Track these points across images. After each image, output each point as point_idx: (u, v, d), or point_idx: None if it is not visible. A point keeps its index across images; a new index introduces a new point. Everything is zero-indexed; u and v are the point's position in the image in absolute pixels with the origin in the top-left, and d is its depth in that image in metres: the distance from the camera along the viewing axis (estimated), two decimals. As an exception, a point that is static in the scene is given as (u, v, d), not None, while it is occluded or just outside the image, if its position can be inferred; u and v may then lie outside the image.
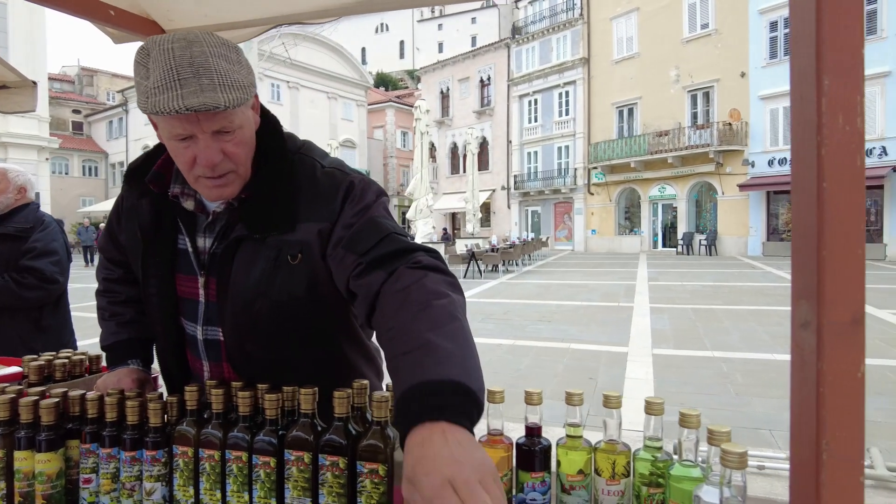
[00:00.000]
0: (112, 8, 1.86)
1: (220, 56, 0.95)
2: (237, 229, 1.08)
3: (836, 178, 0.55)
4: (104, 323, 1.34)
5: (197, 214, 1.14)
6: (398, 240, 1.02)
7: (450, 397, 0.73)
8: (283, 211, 1.08)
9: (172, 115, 0.92)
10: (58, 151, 30.39)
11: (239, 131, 1.01)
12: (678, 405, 4.27)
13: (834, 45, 0.54)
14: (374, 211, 1.07)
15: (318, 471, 0.96)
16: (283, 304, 1.09)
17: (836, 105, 0.55)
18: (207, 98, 0.91)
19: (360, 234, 1.03)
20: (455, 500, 0.61)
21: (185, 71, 0.91)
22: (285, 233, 1.07)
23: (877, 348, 6.64)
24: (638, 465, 0.92)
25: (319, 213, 1.07)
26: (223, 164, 1.01)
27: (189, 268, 1.15)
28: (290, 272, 1.08)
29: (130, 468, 1.06)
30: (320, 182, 1.10)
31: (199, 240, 1.15)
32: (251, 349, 1.13)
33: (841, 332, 0.56)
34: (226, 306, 1.10)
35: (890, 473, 2.01)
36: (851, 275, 0.56)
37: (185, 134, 0.97)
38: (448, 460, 0.65)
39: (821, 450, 0.56)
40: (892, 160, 19.96)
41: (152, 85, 0.91)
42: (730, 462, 0.71)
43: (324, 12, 1.95)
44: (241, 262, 1.09)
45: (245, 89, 0.97)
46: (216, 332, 1.15)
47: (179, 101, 0.89)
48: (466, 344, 0.83)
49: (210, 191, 1.06)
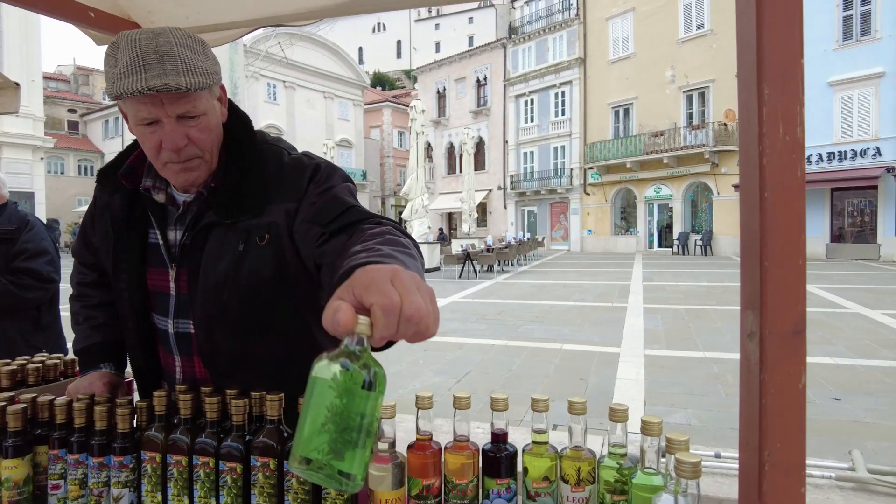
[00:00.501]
0: (92, 10, 1.85)
1: (185, 46, 0.99)
2: (207, 216, 1.11)
3: (778, 188, 0.55)
4: (77, 327, 1.35)
5: (168, 207, 1.17)
6: (361, 210, 1.05)
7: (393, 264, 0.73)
8: (253, 196, 1.11)
9: (137, 98, 0.96)
10: (53, 151, 30.23)
11: (203, 117, 1.04)
12: (668, 406, 4.29)
13: (773, 56, 0.54)
14: (338, 191, 1.10)
15: (283, 477, 0.96)
16: (251, 288, 1.11)
17: (776, 114, 0.55)
18: (170, 80, 0.94)
19: (323, 207, 1.06)
20: (391, 289, 0.60)
21: (150, 57, 0.94)
22: (254, 217, 1.10)
23: (868, 349, 6.66)
24: (602, 472, 0.91)
25: (286, 195, 1.11)
26: (188, 148, 1.04)
27: (160, 261, 1.17)
28: (257, 254, 1.10)
29: (98, 474, 1.06)
30: (287, 166, 1.14)
31: (169, 233, 1.17)
32: (220, 338, 1.14)
33: (783, 343, 0.56)
34: (196, 296, 1.12)
35: (870, 476, 2.00)
36: (792, 285, 0.56)
37: (150, 118, 1.00)
38: (389, 269, 0.64)
39: (763, 459, 0.56)
40: (886, 161, 20.03)
41: (119, 71, 0.95)
42: (683, 472, 0.71)
43: (305, 14, 1.95)
44: (210, 250, 1.11)
45: (208, 75, 1.01)
46: (187, 324, 1.17)
47: (143, 82, 0.93)
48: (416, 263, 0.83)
49: (177, 175, 1.08)
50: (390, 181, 45.51)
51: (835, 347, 6.74)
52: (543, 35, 32.34)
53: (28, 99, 20.51)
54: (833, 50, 21.20)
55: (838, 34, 21.10)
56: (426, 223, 20.16)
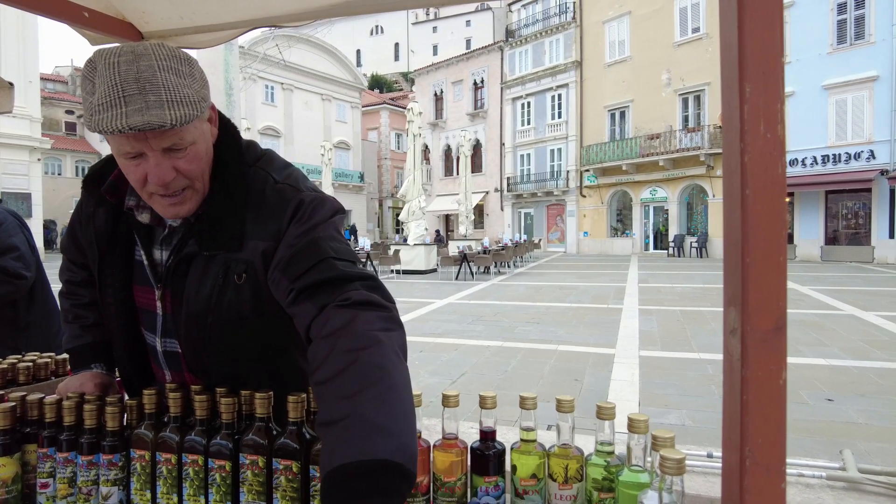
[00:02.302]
0: (86, 10, 1.84)
1: (169, 70, 0.90)
2: (189, 245, 1.06)
3: (759, 185, 0.56)
4: (67, 325, 1.32)
5: (154, 227, 1.11)
6: (332, 266, 0.97)
7: (378, 478, 0.72)
8: (232, 229, 1.05)
9: (117, 135, 0.88)
10: (50, 152, 30.17)
11: (192, 147, 0.97)
12: (663, 407, 4.30)
13: (754, 54, 0.54)
14: (320, 231, 1.02)
15: (272, 474, 0.96)
16: (232, 321, 1.07)
17: (757, 112, 0.55)
18: (153, 116, 0.86)
19: (296, 256, 0.99)
20: None
21: (130, 87, 0.86)
22: (233, 251, 1.05)
23: (861, 350, 6.69)
24: (590, 469, 0.92)
25: (265, 232, 1.04)
26: (177, 180, 0.97)
27: (146, 280, 1.13)
28: (236, 291, 1.05)
29: (87, 472, 1.06)
30: (269, 199, 1.06)
31: (155, 252, 1.12)
32: (208, 362, 1.12)
33: (764, 340, 0.56)
34: (181, 319, 1.09)
35: (861, 475, 2.01)
36: (773, 282, 0.56)
37: (133, 152, 0.93)
38: None
39: (744, 456, 0.57)
40: (880, 163, 20.14)
41: (97, 102, 0.87)
42: (668, 468, 0.71)
43: (300, 15, 1.94)
44: (193, 278, 1.07)
45: (195, 105, 0.92)
46: (174, 344, 1.13)
47: (122, 119, 0.85)
48: (394, 406, 0.79)
49: (166, 209, 1.02)
50: (388, 183, 45.52)
51: (829, 349, 6.76)
52: (540, 38, 32.41)
53: (25, 100, 20.46)
54: (828, 54, 21.33)
55: (833, 38, 21.23)
56: (423, 225, 20.16)
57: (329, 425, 0.78)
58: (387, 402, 0.78)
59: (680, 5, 26.27)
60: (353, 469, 0.72)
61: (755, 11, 0.54)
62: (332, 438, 0.76)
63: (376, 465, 0.72)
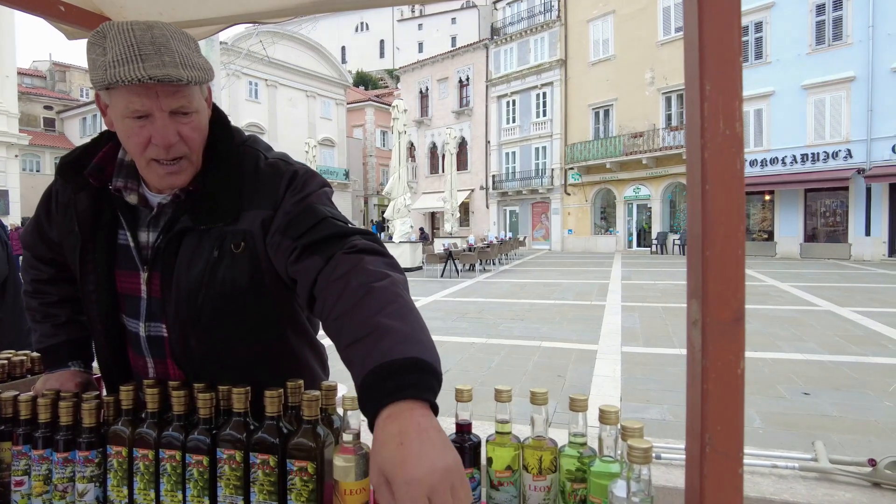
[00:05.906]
0: (62, 3, 1.82)
1: (180, 41, 0.97)
2: (182, 221, 1.08)
3: (718, 180, 0.57)
4: (37, 325, 1.30)
5: (140, 209, 1.12)
6: (333, 224, 1.03)
7: (410, 375, 0.75)
8: (229, 202, 1.08)
9: (133, 87, 0.93)
10: (28, 148, 29.55)
11: (195, 115, 1.02)
12: (644, 402, 4.34)
13: (714, 54, 0.56)
14: (314, 199, 1.08)
15: (249, 469, 0.97)
16: (226, 295, 1.08)
17: (716, 109, 0.57)
18: (170, 71, 0.92)
19: (296, 218, 1.04)
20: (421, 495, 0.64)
21: (147, 48, 0.92)
22: (229, 223, 1.07)
23: (837, 345, 6.83)
24: (563, 460, 0.93)
25: (262, 202, 1.08)
26: (178, 146, 1.01)
27: (130, 263, 1.12)
28: (232, 261, 1.07)
29: (63, 469, 1.05)
30: (263, 172, 1.11)
31: (141, 235, 1.13)
32: (195, 343, 1.11)
33: (723, 331, 0.58)
34: (169, 301, 1.09)
35: (832, 466, 2.07)
36: (732, 275, 0.58)
37: (142, 111, 0.96)
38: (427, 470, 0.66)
39: (704, 443, 0.59)
40: (857, 163, 20.52)
41: (111, 59, 0.91)
42: (635, 457, 0.73)
43: (280, 12, 1.94)
44: (184, 255, 1.08)
45: (205, 71, 0.99)
46: (160, 328, 1.13)
47: (142, 70, 0.90)
48: (414, 319, 0.84)
49: (161, 179, 1.05)
50: (373, 180, 45.35)
51: (806, 344, 6.89)
52: (525, 36, 32.50)
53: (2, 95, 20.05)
54: (807, 54, 21.66)
55: (812, 39, 21.56)
56: (408, 222, 20.14)
57: (356, 342, 0.82)
58: (406, 317, 0.84)
59: (663, 5, 26.50)
60: (387, 368, 0.75)
61: (714, 13, 0.56)
62: (362, 351, 0.80)
63: (408, 363, 0.75)
